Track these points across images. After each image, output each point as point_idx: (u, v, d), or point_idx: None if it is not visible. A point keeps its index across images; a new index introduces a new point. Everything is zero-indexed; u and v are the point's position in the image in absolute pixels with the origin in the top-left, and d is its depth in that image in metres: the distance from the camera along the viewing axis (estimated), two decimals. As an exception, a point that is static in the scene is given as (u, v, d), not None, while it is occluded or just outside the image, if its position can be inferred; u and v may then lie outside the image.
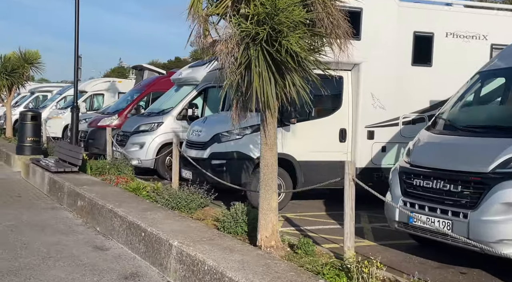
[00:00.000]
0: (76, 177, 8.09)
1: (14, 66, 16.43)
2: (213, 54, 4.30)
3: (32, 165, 9.52)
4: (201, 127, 6.96)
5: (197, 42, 4.28)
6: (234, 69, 3.97)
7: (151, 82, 12.83)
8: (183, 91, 10.03)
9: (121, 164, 8.79)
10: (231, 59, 3.91)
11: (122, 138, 9.82)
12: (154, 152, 9.30)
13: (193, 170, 6.84)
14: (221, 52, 3.93)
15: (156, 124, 9.45)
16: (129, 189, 7.17)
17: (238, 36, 3.90)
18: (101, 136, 12.00)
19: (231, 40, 3.87)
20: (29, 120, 11.03)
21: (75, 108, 10.59)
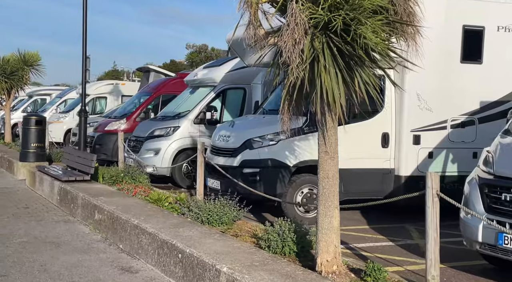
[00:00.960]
0: (89, 186, 7.49)
1: (14, 68, 15.77)
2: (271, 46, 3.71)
3: (38, 173, 8.89)
4: (229, 132, 6.38)
5: (248, 33, 3.70)
6: (298, 64, 3.39)
7: (161, 84, 12.24)
8: (199, 93, 9.46)
9: (135, 171, 8.19)
10: (297, 52, 3.33)
11: (135, 144, 9.21)
12: (170, 159, 8.72)
13: (221, 179, 6.27)
14: (285, 43, 3.35)
15: (172, 129, 8.86)
16: (150, 200, 6.58)
17: (307, 24, 3.32)
18: (109, 142, 11.42)
19: (298, 29, 3.29)
20: (33, 125, 10.40)
21: (83, 112, 9.97)
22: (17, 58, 15.96)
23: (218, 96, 9.14)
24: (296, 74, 3.40)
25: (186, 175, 8.86)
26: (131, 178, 8.03)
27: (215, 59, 17.21)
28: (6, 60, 15.86)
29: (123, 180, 7.95)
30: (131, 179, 8.02)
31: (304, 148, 5.91)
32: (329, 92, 3.43)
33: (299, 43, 3.30)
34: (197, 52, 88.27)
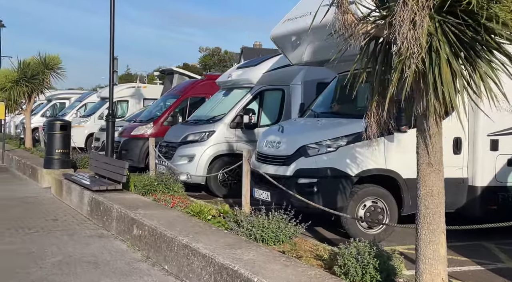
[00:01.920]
0: (122, 196, 6.93)
1: (34, 72, 15.38)
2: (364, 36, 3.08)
3: (65, 181, 8.37)
4: (280, 138, 5.75)
5: (339, 20, 3.08)
6: (413, 54, 2.74)
7: (188, 86, 11.69)
8: (234, 95, 8.87)
9: (168, 179, 7.62)
10: (415, 38, 2.68)
11: (167, 150, 8.65)
12: (205, 166, 8.14)
13: (271, 190, 5.64)
14: (401, 27, 2.69)
15: (206, 134, 8.27)
16: (191, 212, 6.00)
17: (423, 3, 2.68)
18: (135, 147, 10.92)
19: (419, 8, 2.64)
20: (57, 130, 9.92)
21: (110, 116, 9.44)
22: (38, 62, 15.57)
23: (255, 98, 8.54)
24: (414, 66, 2.75)
25: (222, 183, 8.26)
26: (165, 187, 7.47)
27: (229, 62, 16.54)
28: (27, 64, 15.48)
29: (156, 189, 7.39)
30: (165, 188, 7.46)
31: (367, 155, 5.27)
32: (446, 88, 2.78)
33: (419, 26, 2.65)
34: (210, 55, 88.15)
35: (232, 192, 8.27)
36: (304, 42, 6.25)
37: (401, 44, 2.70)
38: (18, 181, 10.75)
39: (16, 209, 7.59)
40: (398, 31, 2.68)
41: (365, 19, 3.14)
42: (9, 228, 6.36)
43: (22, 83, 15.11)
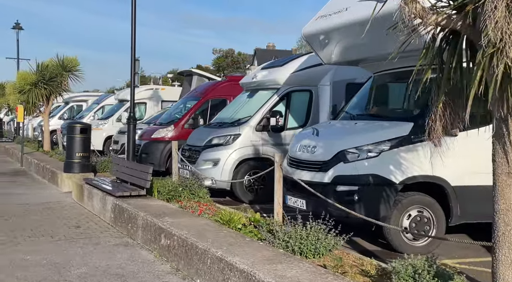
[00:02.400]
0: (146, 203, 6.65)
1: (52, 74, 15.28)
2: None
3: (86, 186, 8.14)
4: (315, 142, 5.40)
5: (405, 9, 2.71)
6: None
7: (209, 88, 11.40)
8: (259, 96, 8.54)
9: (193, 185, 7.32)
10: None
11: (190, 153, 8.35)
12: (231, 170, 7.82)
13: (307, 198, 5.29)
14: (499, 19, 2.31)
15: (231, 137, 7.96)
16: (220, 221, 5.68)
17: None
18: (156, 150, 10.66)
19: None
20: (78, 134, 9.72)
21: (131, 119, 9.19)
22: (56, 64, 15.47)
23: (282, 99, 8.19)
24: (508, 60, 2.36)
25: (248, 188, 7.93)
26: (190, 193, 7.18)
27: (242, 64, 16.13)
28: (45, 66, 15.39)
29: (181, 195, 7.10)
30: (190, 194, 7.17)
31: (412, 161, 4.89)
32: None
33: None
34: (224, 57, 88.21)
35: (259, 197, 7.94)
36: (338, 40, 5.90)
37: (492, 35, 2.33)
38: (38, 185, 10.58)
39: (38, 215, 7.37)
40: (489, 18, 2.31)
41: (435, 8, 2.77)
42: (30, 236, 6.13)
43: (40, 85, 15.02)
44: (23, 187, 10.17)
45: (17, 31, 22.45)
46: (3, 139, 20.67)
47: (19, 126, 23.53)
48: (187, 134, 10.93)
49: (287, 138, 8.03)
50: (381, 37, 5.05)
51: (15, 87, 15.26)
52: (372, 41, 5.42)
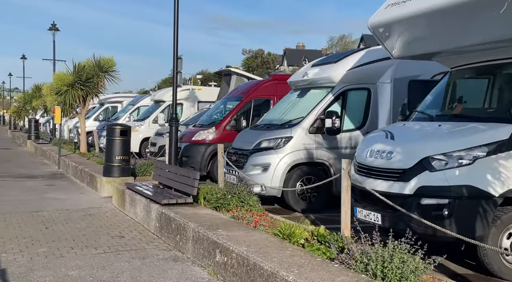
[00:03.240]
0: (194, 211, 6.12)
1: (89, 75, 15.09)
2: None
3: (128, 192, 7.70)
4: (392, 147, 4.71)
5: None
6: None
7: (252, 87, 10.84)
8: (312, 96, 7.90)
9: (242, 192, 6.75)
10: None
11: (237, 157, 7.79)
12: (282, 176, 7.21)
13: (383, 211, 4.61)
14: None
15: (282, 140, 7.34)
16: (280, 234, 5.09)
17: None
18: (197, 154, 10.20)
19: None
20: (117, 136, 9.35)
21: (174, 120, 8.72)
22: (92, 64, 15.27)
23: (337, 99, 7.52)
24: None
25: (301, 196, 7.29)
26: (239, 200, 6.61)
27: (272, 64, 15.33)
28: (82, 67, 15.22)
29: (230, 203, 6.54)
30: (239, 201, 6.61)
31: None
32: None
33: None
34: (253, 58, 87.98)
35: (312, 206, 7.30)
36: (412, 31, 5.19)
37: None
38: (76, 189, 10.29)
39: (79, 223, 6.98)
40: None
41: None
42: (73, 247, 5.71)
43: (77, 86, 14.84)
44: (62, 191, 9.88)
45: (53, 33, 22.62)
46: (39, 141, 20.76)
47: (55, 128, 23.71)
48: (228, 137, 10.43)
49: (342, 141, 7.36)
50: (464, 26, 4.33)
51: (52, 89, 15.14)
52: (452, 31, 4.70)
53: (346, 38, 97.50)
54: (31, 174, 12.62)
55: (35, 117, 26.67)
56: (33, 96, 29.75)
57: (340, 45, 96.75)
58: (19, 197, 9.09)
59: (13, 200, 8.73)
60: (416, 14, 4.94)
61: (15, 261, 5.12)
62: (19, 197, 9.09)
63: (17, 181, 11.23)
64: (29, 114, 31.12)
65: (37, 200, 8.81)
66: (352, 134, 7.40)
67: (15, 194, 9.42)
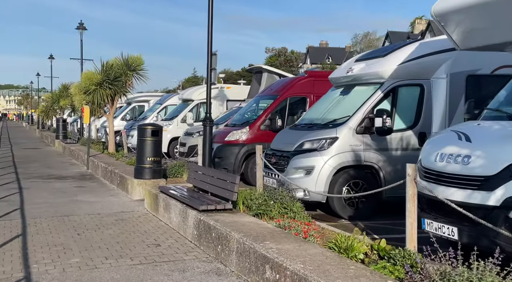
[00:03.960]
0: (235, 219, 5.65)
1: (117, 74, 14.85)
2: None
3: (162, 196, 7.29)
4: (468, 150, 4.10)
5: None
6: None
7: (287, 85, 10.31)
8: (358, 93, 7.31)
9: (284, 197, 6.23)
10: None
11: (277, 159, 7.28)
12: (327, 180, 6.66)
13: (459, 224, 4.02)
14: None
15: (327, 141, 6.79)
16: (335, 248, 4.55)
17: None
18: (230, 155, 9.74)
19: None
20: (149, 136, 8.97)
21: (208, 120, 8.28)
22: (120, 63, 15.03)
23: (387, 96, 6.91)
24: None
25: (348, 202, 6.72)
26: (281, 207, 6.10)
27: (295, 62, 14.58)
28: (110, 66, 15.00)
29: (272, 209, 6.04)
30: (282, 208, 6.10)
31: None
32: None
33: None
34: (277, 56, 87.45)
35: (360, 212, 6.73)
36: (484, 17, 4.56)
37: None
38: (107, 191, 9.98)
39: (112, 228, 6.61)
40: None
41: None
42: (107, 257, 5.31)
43: (105, 85, 14.63)
44: (92, 194, 9.59)
45: (81, 32, 22.60)
46: (67, 141, 20.75)
47: (82, 127, 23.73)
48: (263, 137, 9.94)
49: (393, 142, 6.75)
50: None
51: (80, 88, 14.97)
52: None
53: (371, 35, 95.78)
54: (60, 174, 12.43)
55: (62, 116, 26.80)
56: (60, 96, 29.97)
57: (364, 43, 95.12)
58: (49, 199, 8.83)
59: (43, 202, 8.47)
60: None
61: (47, 273, 4.75)
62: (49, 199, 8.83)
63: (46, 182, 11.03)
64: (57, 113, 31.38)
65: (67, 203, 8.53)
66: (403, 134, 6.79)
67: (45, 196, 9.17)
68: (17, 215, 7.39)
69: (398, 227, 6.32)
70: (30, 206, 8.14)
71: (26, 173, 12.64)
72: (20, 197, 9.00)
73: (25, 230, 6.51)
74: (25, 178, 11.55)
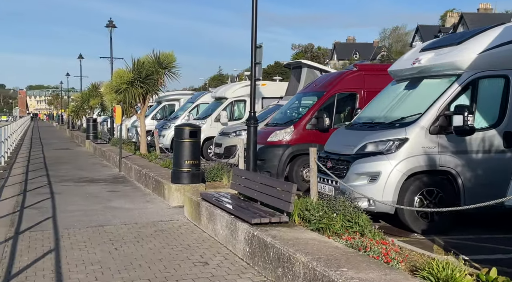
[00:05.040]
0: (295, 235, 4.86)
1: (148, 72, 14.28)
2: None
3: (205, 204, 6.57)
4: None
5: None
6: None
7: (334, 79, 9.44)
8: (428, 87, 6.39)
9: (347, 208, 5.39)
10: None
11: (333, 164, 6.43)
12: (396, 188, 5.77)
13: None
14: None
15: (394, 143, 5.90)
16: (432, 279, 3.69)
17: None
18: (274, 157, 8.97)
19: None
20: (187, 138, 8.28)
21: (252, 119, 7.51)
22: (152, 61, 14.45)
23: (465, 90, 5.96)
24: None
25: (421, 213, 5.81)
26: (344, 219, 5.27)
27: (322, 58, 13.56)
28: (141, 63, 14.44)
29: (335, 223, 5.21)
30: (345, 220, 5.26)
31: None
32: None
33: None
34: (303, 52, 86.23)
35: (436, 225, 5.81)
36: None
37: None
38: (142, 196, 9.36)
39: (152, 242, 5.94)
40: None
41: None
42: (151, 279, 4.61)
43: (136, 84, 14.08)
44: (127, 199, 8.98)
45: (110, 30, 22.24)
46: (98, 141, 20.42)
47: (113, 127, 23.43)
48: (309, 137, 9.12)
49: (473, 143, 5.80)
50: None
51: (111, 87, 14.46)
52: None
53: (399, 29, 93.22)
54: (92, 177, 11.94)
55: (92, 116, 26.63)
56: (90, 95, 29.90)
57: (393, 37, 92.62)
58: (82, 206, 8.26)
59: (76, 210, 7.90)
60: None
61: (85, 301, 4.09)
62: (82, 206, 8.26)
63: (79, 186, 10.52)
64: (87, 113, 31.34)
65: (101, 210, 7.93)
66: (486, 134, 5.83)
67: (78, 202, 8.62)
68: (49, 225, 6.82)
69: (488, 244, 5.41)
70: (63, 213, 7.58)
71: (58, 175, 12.22)
72: (52, 203, 8.48)
73: (58, 243, 5.91)
74: (57, 182, 11.09)
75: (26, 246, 5.78)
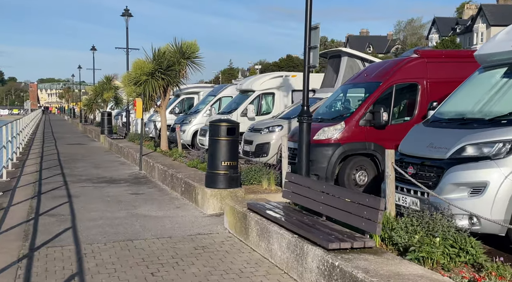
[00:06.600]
0: (394, 270, 3.72)
1: (170, 62, 13.14)
2: None
3: (254, 217, 5.41)
4: None
5: None
6: None
7: (391, 68, 8.19)
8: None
9: (446, 229, 4.23)
10: None
11: (418, 170, 5.20)
12: (509, 204, 4.52)
13: None
14: None
15: (505, 145, 4.66)
16: None
17: None
18: (321, 157, 7.80)
19: None
20: (223, 136, 7.12)
21: (305, 114, 6.31)
22: (173, 50, 13.32)
23: None
24: None
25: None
26: (447, 244, 4.10)
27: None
28: (162, 53, 13.30)
29: (436, 250, 4.03)
30: (447, 246, 4.09)
31: None
32: None
33: None
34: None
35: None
36: None
37: None
38: (170, 200, 8.25)
39: (194, 264, 4.82)
40: None
41: None
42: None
43: (157, 75, 12.96)
44: (153, 204, 7.87)
45: (126, 19, 21.15)
46: (113, 136, 19.36)
47: (128, 121, 22.37)
48: (363, 135, 7.92)
49: None
50: None
51: (130, 78, 13.33)
52: None
53: (415, 22, 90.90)
54: (111, 177, 10.86)
55: (106, 110, 25.60)
56: (104, 88, 28.91)
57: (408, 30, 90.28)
58: (105, 212, 7.16)
59: (99, 218, 6.80)
60: None
61: None
62: (104, 212, 7.17)
63: (98, 187, 9.44)
64: (100, 107, 30.35)
65: (127, 218, 6.83)
66: None
67: (99, 207, 7.52)
68: (70, 238, 5.73)
69: None
70: (84, 223, 6.49)
71: (73, 174, 11.16)
72: (70, 209, 7.40)
73: (81, 264, 4.81)
74: (73, 182, 10.03)
75: (43, 268, 4.69)
